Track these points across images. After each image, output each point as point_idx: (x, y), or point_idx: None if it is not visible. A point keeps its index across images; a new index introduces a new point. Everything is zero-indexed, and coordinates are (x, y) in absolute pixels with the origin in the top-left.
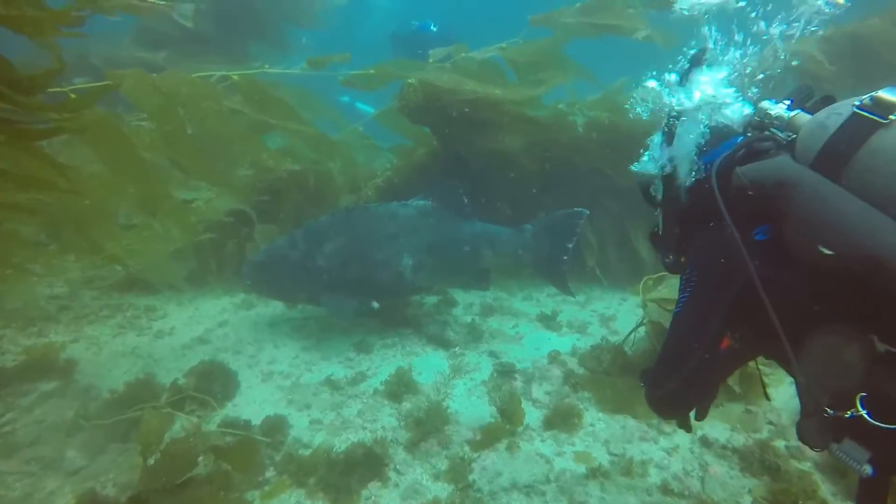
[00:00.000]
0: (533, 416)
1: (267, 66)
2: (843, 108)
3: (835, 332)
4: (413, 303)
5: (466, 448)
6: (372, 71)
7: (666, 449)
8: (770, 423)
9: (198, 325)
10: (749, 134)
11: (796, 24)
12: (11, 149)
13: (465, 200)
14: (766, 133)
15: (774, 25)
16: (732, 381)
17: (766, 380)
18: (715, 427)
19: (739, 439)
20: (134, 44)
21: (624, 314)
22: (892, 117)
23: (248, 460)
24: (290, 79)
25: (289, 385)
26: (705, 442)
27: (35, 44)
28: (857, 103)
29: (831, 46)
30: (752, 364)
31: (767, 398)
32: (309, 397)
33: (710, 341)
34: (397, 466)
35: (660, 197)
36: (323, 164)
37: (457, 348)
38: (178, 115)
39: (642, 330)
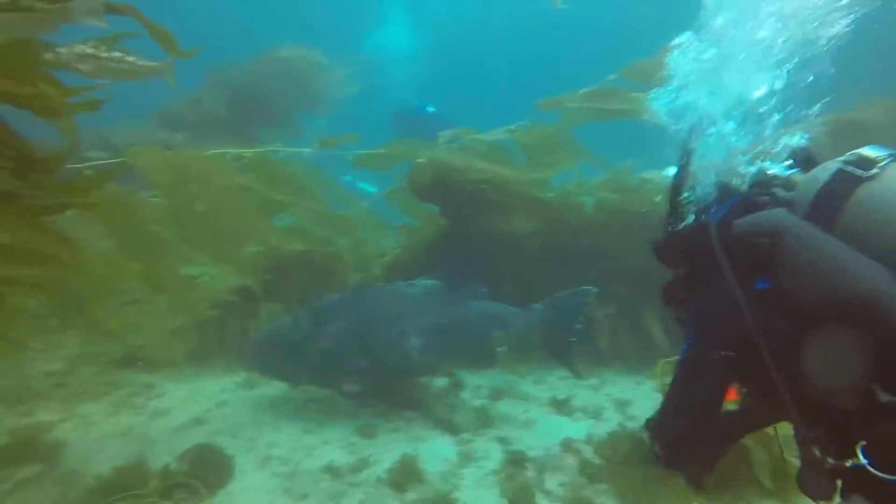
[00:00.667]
0: None
1: (280, 144)
2: (832, 165)
3: (835, 383)
4: (419, 385)
5: None
6: (382, 150)
7: None
8: None
9: (196, 404)
10: (750, 192)
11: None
12: (18, 223)
13: (473, 280)
14: (767, 191)
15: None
16: (762, 475)
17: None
18: None
19: None
20: (155, 127)
21: (640, 399)
22: (873, 171)
23: None
24: (302, 158)
25: (287, 471)
26: None
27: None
28: (843, 160)
29: (835, 129)
30: (784, 458)
31: None
32: (307, 486)
33: (712, 389)
34: None
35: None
36: (330, 243)
37: (465, 434)
38: (189, 190)
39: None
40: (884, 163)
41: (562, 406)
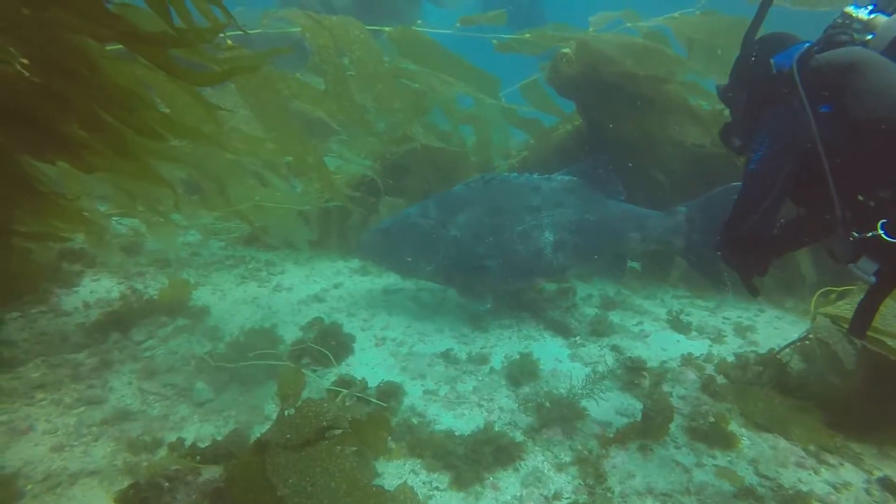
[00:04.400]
0: None
1: (420, 21)
2: None
3: (871, 178)
4: (533, 287)
5: (593, 442)
6: (527, 35)
7: (831, 483)
8: None
9: (314, 283)
10: (830, 33)
11: None
12: (179, 92)
13: (615, 177)
14: (846, 31)
15: None
16: None
17: None
18: None
19: None
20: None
21: (763, 326)
22: None
23: (380, 435)
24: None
25: (403, 352)
26: (887, 485)
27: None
28: None
29: None
30: None
31: None
32: (423, 367)
33: (780, 189)
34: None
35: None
36: (460, 140)
37: (577, 338)
38: (341, 63)
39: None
40: None
41: (677, 323)
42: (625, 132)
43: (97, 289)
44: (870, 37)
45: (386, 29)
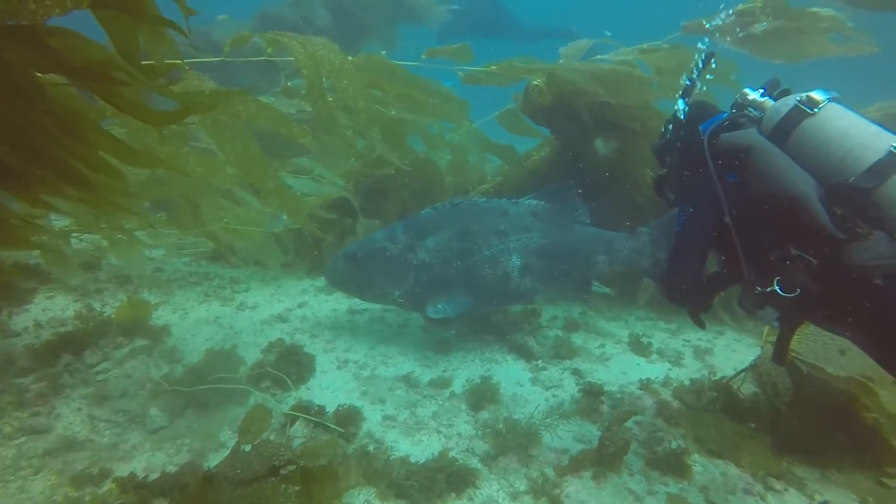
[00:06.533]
0: None
1: (384, 52)
2: (791, 101)
3: (768, 242)
4: (499, 309)
5: (548, 470)
6: (494, 67)
7: None
8: None
9: (278, 302)
10: (734, 110)
11: None
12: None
13: (580, 202)
14: (744, 111)
15: None
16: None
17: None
18: (840, 495)
19: None
20: (253, 27)
21: (721, 349)
22: (816, 110)
23: (331, 484)
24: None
25: (365, 375)
26: None
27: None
28: (797, 98)
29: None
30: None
31: None
32: (384, 391)
33: (703, 247)
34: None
35: (671, 156)
36: (433, 164)
37: (539, 361)
38: (321, 83)
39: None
40: (824, 104)
41: (638, 346)
42: (601, 157)
43: (51, 307)
44: (760, 114)
45: (350, 58)
